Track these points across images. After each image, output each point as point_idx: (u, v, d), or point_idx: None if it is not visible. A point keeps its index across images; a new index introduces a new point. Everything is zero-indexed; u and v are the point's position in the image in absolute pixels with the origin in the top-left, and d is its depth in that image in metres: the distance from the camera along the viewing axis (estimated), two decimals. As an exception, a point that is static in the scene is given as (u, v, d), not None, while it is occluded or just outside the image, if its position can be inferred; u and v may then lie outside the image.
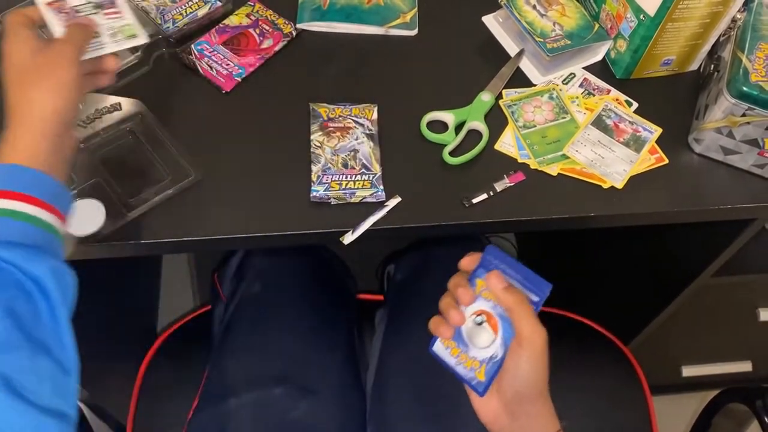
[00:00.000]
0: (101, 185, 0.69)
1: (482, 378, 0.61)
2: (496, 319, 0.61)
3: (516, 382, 0.58)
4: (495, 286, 0.59)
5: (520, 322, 0.58)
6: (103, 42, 0.65)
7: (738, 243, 0.85)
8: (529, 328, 0.58)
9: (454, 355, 0.62)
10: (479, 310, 0.61)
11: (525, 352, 0.57)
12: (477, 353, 0.61)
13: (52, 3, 0.65)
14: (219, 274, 0.97)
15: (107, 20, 0.66)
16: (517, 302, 0.58)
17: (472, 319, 0.61)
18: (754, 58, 0.71)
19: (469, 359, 0.61)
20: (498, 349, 0.61)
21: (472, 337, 0.61)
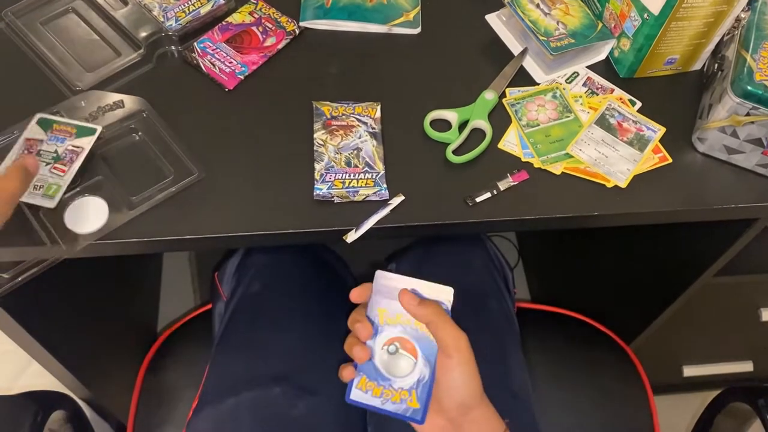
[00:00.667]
0: (104, 183, 0.69)
1: (417, 405, 0.59)
2: (411, 342, 0.60)
3: (457, 395, 0.58)
4: (409, 303, 0.58)
5: (442, 333, 0.58)
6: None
7: (741, 243, 0.85)
8: (452, 335, 0.57)
9: (376, 395, 0.60)
10: (390, 338, 0.60)
11: (454, 361, 0.57)
12: (402, 383, 0.59)
13: (30, 139, 0.68)
14: (219, 273, 0.97)
15: (48, 172, 0.67)
16: (434, 313, 0.58)
17: (385, 350, 0.60)
18: (759, 58, 0.71)
19: (396, 392, 0.60)
20: (423, 370, 0.60)
21: (391, 368, 0.60)
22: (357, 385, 0.60)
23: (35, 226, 0.65)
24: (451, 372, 0.58)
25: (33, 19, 0.80)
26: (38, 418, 0.80)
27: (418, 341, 0.60)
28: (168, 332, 1.01)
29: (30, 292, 0.69)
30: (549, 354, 1.01)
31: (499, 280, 0.94)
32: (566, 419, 0.96)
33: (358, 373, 0.60)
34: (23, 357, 0.87)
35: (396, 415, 0.59)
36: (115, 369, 1.14)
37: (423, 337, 0.60)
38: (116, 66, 0.77)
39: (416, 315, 0.59)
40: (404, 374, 0.60)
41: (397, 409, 0.59)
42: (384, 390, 0.60)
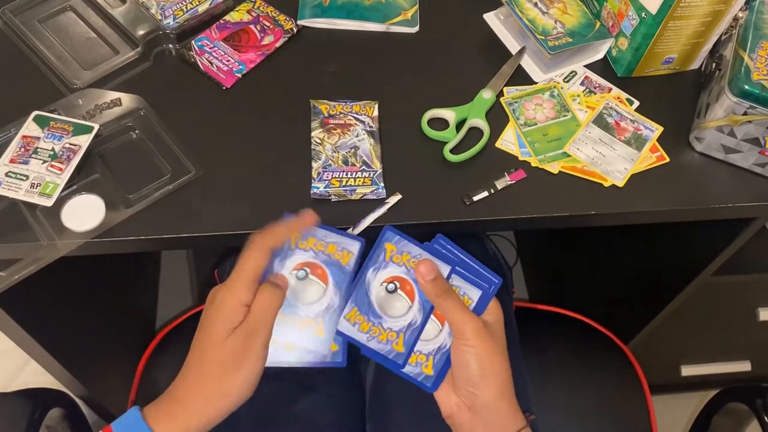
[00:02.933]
0: (101, 181, 0.69)
1: (402, 349, 0.58)
2: (411, 285, 0.59)
3: (465, 375, 0.58)
4: (422, 277, 0.58)
5: (448, 314, 0.57)
6: (20, 186, 0.66)
7: (738, 242, 0.85)
8: (457, 318, 0.57)
9: (363, 330, 0.58)
10: (391, 276, 0.59)
11: (462, 343, 0.57)
12: (392, 323, 0.58)
13: (26, 137, 0.67)
14: (219, 271, 0.97)
15: (45, 170, 0.67)
16: (437, 293, 0.58)
17: (383, 287, 0.59)
18: (756, 57, 0.71)
19: (384, 331, 0.58)
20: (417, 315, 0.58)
21: (385, 306, 0.59)
22: (346, 315, 0.58)
23: (32, 224, 0.65)
24: (459, 352, 0.58)
25: (31, 17, 0.80)
26: (36, 416, 0.80)
27: (417, 285, 0.59)
28: (166, 330, 1.01)
29: (27, 290, 0.70)
30: (547, 353, 1.01)
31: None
32: (564, 419, 0.96)
33: (350, 304, 0.58)
34: (21, 355, 0.87)
35: (376, 355, 0.58)
36: (112, 367, 1.14)
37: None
38: (114, 64, 0.77)
39: (423, 289, 0.59)
40: (397, 315, 0.59)
41: (380, 348, 0.58)
42: (372, 327, 0.58)
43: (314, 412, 0.80)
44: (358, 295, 0.59)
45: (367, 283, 0.59)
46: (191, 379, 0.57)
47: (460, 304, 0.58)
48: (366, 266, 0.60)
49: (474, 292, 0.61)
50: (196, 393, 0.56)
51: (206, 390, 0.56)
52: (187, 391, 0.57)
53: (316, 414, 0.80)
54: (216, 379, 0.56)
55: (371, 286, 0.59)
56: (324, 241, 0.60)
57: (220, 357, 0.55)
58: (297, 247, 0.58)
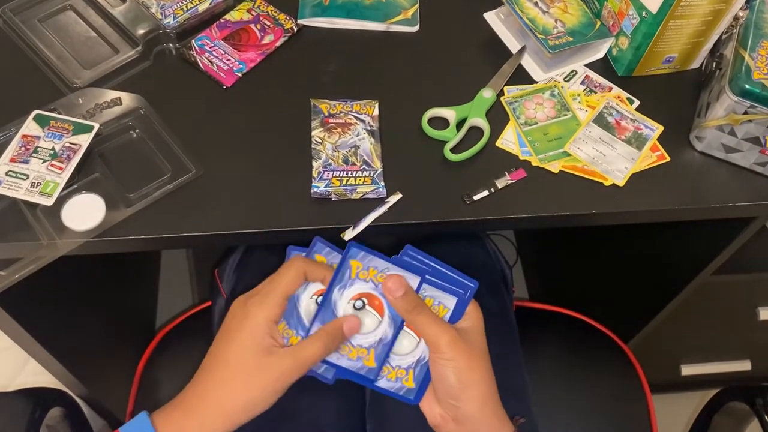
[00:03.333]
0: (101, 180, 0.69)
1: (372, 364, 0.58)
2: (380, 300, 0.58)
3: (445, 389, 0.57)
4: (390, 293, 0.57)
5: (422, 329, 0.57)
6: (21, 185, 0.66)
7: (738, 241, 0.85)
8: (430, 332, 0.56)
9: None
10: (358, 293, 0.58)
11: (439, 356, 0.56)
12: (361, 340, 0.58)
13: (27, 136, 0.67)
14: (219, 270, 0.97)
15: (45, 169, 0.67)
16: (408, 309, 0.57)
17: (350, 306, 0.58)
18: (757, 56, 0.71)
19: (354, 348, 0.58)
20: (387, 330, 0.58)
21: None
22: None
23: (32, 223, 0.65)
24: (437, 366, 0.57)
25: (31, 17, 0.80)
26: (36, 415, 0.80)
27: (385, 299, 0.59)
28: (166, 329, 1.01)
29: (27, 290, 0.69)
30: (547, 352, 1.01)
31: (497, 278, 0.94)
32: (564, 418, 0.96)
33: (315, 324, 0.58)
34: (21, 354, 0.87)
35: (349, 373, 0.58)
36: (112, 366, 1.14)
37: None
38: (114, 63, 0.77)
39: (394, 306, 0.58)
40: (367, 332, 0.58)
41: (352, 366, 0.58)
42: (342, 346, 0.58)
43: (314, 411, 0.80)
44: (325, 316, 0.58)
45: (333, 302, 0.59)
46: (206, 387, 0.56)
47: (432, 318, 0.57)
48: (331, 285, 0.59)
49: (449, 300, 0.60)
50: (208, 401, 0.55)
51: (220, 400, 0.55)
52: (198, 399, 0.56)
53: (316, 413, 0.80)
54: (234, 390, 0.55)
55: (338, 305, 0.59)
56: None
57: (243, 369, 0.55)
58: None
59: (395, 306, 0.58)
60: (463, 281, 0.60)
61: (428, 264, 0.61)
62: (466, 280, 0.60)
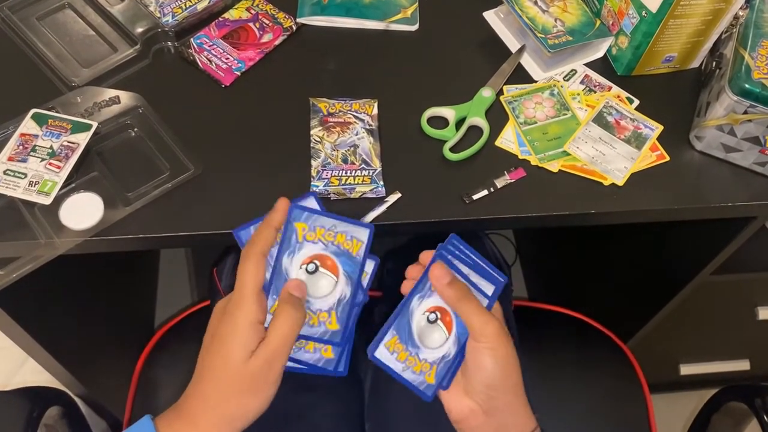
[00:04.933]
0: (99, 179, 0.69)
1: (432, 381, 0.57)
2: (451, 317, 0.58)
3: (484, 378, 0.57)
4: (438, 280, 0.57)
5: (468, 318, 0.57)
6: (18, 184, 0.65)
7: (738, 241, 0.85)
8: (479, 320, 0.56)
9: (401, 359, 0.57)
10: (434, 306, 0.58)
11: (482, 345, 0.56)
12: (428, 354, 0.57)
13: (25, 135, 0.67)
14: (218, 269, 0.97)
15: (43, 168, 0.66)
16: (458, 298, 0.57)
17: (425, 317, 0.57)
18: (757, 56, 0.71)
19: (420, 362, 0.57)
20: (451, 347, 0.58)
21: (423, 336, 0.58)
22: (386, 342, 0.56)
23: (30, 222, 0.65)
24: (478, 354, 0.57)
25: (29, 15, 0.80)
26: (34, 414, 0.80)
27: (456, 317, 0.58)
28: (165, 328, 1.01)
29: (25, 289, 0.69)
30: (546, 352, 1.01)
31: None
32: (563, 417, 0.96)
33: (391, 331, 0.57)
34: (19, 353, 0.87)
35: (408, 384, 0.57)
36: (111, 365, 1.14)
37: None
38: (112, 62, 0.77)
39: (442, 294, 0.58)
40: (434, 346, 0.57)
41: (413, 379, 0.57)
42: (409, 357, 0.57)
43: (314, 411, 0.80)
44: (278, 285, 0.56)
45: (284, 270, 0.57)
46: (206, 397, 0.56)
47: (479, 306, 0.57)
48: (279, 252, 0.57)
49: (487, 290, 0.60)
50: (211, 411, 0.55)
51: (222, 410, 0.55)
52: (199, 409, 0.56)
53: (315, 413, 0.80)
54: (234, 400, 0.55)
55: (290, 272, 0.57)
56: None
57: (239, 380, 0.55)
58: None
59: (442, 294, 0.57)
60: (495, 275, 0.60)
61: (469, 255, 0.60)
62: (497, 274, 0.60)
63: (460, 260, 0.59)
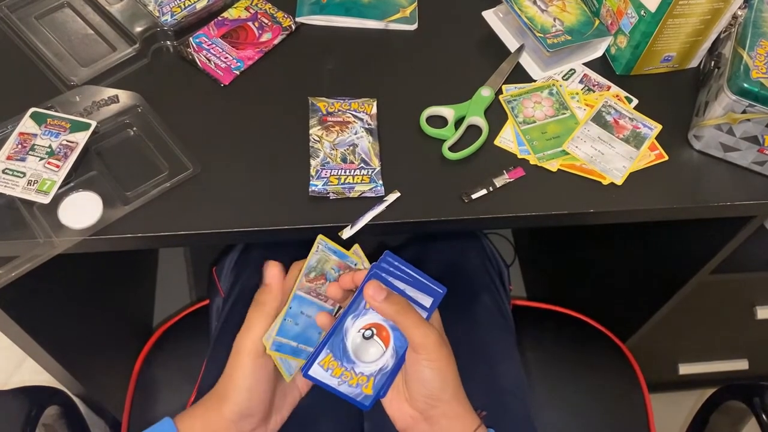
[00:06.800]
0: (98, 178, 0.69)
1: (370, 392, 0.59)
2: (387, 331, 0.60)
3: (424, 389, 0.58)
4: (372, 298, 0.58)
5: (408, 330, 0.58)
6: (17, 183, 0.66)
7: (736, 240, 0.85)
8: (419, 333, 0.57)
9: (336, 375, 0.59)
10: (370, 323, 0.59)
11: (422, 357, 0.57)
12: (364, 368, 0.59)
13: (23, 134, 0.68)
14: (217, 269, 0.97)
15: (42, 167, 0.66)
16: (398, 312, 0.57)
17: (360, 334, 0.59)
18: (755, 55, 0.71)
19: (356, 376, 0.59)
20: (389, 360, 0.59)
21: (359, 352, 0.59)
22: (320, 361, 0.59)
23: (29, 221, 0.65)
24: (418, 366, 0.58)
25: (28, 14, 0.80)
26: (32, 414, 0.80)
27: (393, 330, 0.60)
28: (164, 328, 1.01)
29: (24, 288, 0.69)
30: (544, 351, 1.01)
31: (494, 277, 0.94)
32: (562, 417, 0.96)
33: (325, 350, 0.59)
34: (18, 353, 0.87)
35: (345, 397, 0.59)
36: (110, 365, 1.14)
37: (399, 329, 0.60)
38: (111, 61, 0.77)
39: (379, 310, 0.58)
40: (370, 360, 0.59)
41: (350, 392, 0.59)
42: (344, 372, 0.59)
43: (312, 411, 0.80)
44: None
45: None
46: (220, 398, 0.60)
47: (419, 319, 0.58)
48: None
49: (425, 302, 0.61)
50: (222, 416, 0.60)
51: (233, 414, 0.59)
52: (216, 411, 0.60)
53: (314, 413, 0.80)
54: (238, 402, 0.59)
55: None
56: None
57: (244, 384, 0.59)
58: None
59: (381, 310, 0.58)
60: (434, 287, 0.62)
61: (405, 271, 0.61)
62: (436, 286, 0.62)
63: (395, 277, 0.60)
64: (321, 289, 0.62)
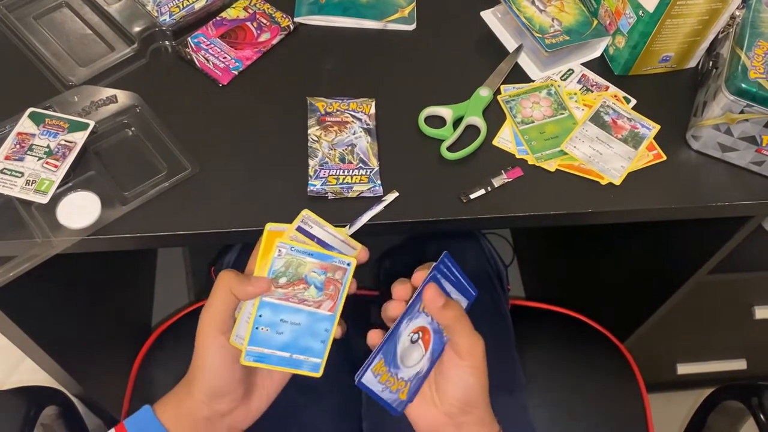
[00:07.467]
0: (96, 178, 0.69)
1: (404, 397, 0.58)
2: (430, 335, 0.59)
3: (462, 394, 0.58)
4: (432, 302, 0.56)
5: (459, 336, 0.57)
6: (15, 183, 0.66)
7: (734, 240, 0.85)
8: (470, 340, 0.57)
9: (383, 381, 0.57)
10: (418, 327, 0.58)
11: (467, 364, 0.57)
12: (405, 373, 0.58)
13: (22, 134, 0.67)
14: (216, 268, 0.97)
15: (40, 166, 0.66)
16: (455, 318, 0.57)
17: (409, 338, 0.58)
18: (753, 55, 0.71)
19: (397, 381, 0.58)
20: (426, 364, 0.59)
21: (405, 356, 0.58)
22: (373, 367, 0.56)
23: (27, 221, 0.65)
24: (460, 371, 0.58)
25: (26, 14, 0.80)
26: (31, 414, 0.80)
27: (433, 334, 0.59)
28: (162, 328, 1.01)
29: (22, 288, 0.69)
30: (543, 351, 1.01)
31: (493, 276, 0.94)
32: (560, 417, 0.96)
33: (377, 355, 0.57)
34: (16, 353, 0.87)
35: (385, 404, 0.58)
36: (108, 364, 1.14)
37: (438, 331, 0.59)
38: (110, 61, 0.77)
39: (437, 316, 0.57)
40: (411, 365, 0.58)
41: (390, 398, 0.58)
42: (389, 378, 0.57)
43: (311, 411, 0.80)
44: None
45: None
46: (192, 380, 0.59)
47: (470, 326, 0.58)
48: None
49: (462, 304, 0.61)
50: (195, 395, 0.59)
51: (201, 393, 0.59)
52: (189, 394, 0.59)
53: (312, 414, 0.80)
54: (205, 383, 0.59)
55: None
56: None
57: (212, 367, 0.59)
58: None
59: (437, 316, 0.57)
60: (469, 289, 0.61)
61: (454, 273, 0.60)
62: (470, 287, 0.61)
63: (445, 278, 0.59)
64: (304, 294, 0.58)
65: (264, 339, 0.57)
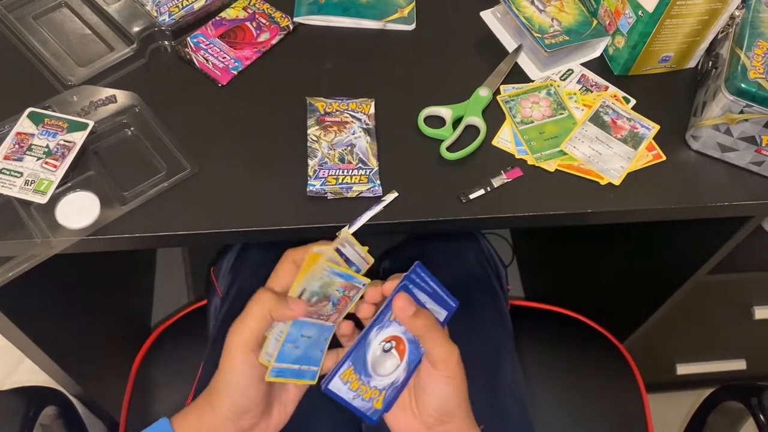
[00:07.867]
0: (96, 178, 0.69)
1: (379, 406, 0.58)
2: (405, 344, 0.58)
3: (439, 404, 0.58)
4: (402, 311, 0.56)
5: (432, 346, 0.57)
6: (14, 183, 0.65)
7: (734, 240, 0.85)
8: (443, 350, 0.57)
9: (353, 389, 0.57)
10: (390, 336, 0.58)
11: (442, 374, 0.57)
12: (378, 382, 0.58)
13: (21, 134, 0.67)
14: (215, 269, 0.97)
15: (39, 166, 0.66)
16: (426, 327, 0.57)
17: (381, 346, 0.58)
18: (753, 55, 0.71)
19: (369, 389, 0.58)
20: (401, 374, 0.58)
21: (377, 365, 0.58)
22: (341, 374, 0.57)
23: (26, 221, 0.65)
24: (436, 381, 0.57)
25: (25, 14, 0.80)
26: (30, 414, 0.80)
27: (409, 344, 0.59)
28: (161, 328, 1.01)
29: (21, 288, 0.69)
30: (542, 352, 1.01)
31: (492, 277, 0.94)
32: (560, 417, 0.96)
33: (347, 362, 0.57)
34: (15, 353, 0.87)
35: (357, 411, 0.58)
36: (107, 365, 1.14)
37: (414, 341, 0.59)
38: (109, 61, 0.77)
39: (408, 325, 0.57)
40: (385, 374, 0.58)
41: (362, 406, 0.58)
42: (361, 385, 0.58)
43: (309, 411, 0.80)
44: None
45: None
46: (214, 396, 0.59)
47: (444, 336, 0.57)
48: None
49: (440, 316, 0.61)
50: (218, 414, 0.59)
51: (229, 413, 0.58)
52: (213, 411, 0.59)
53: (310, 413, 0.80)
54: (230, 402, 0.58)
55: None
56: None
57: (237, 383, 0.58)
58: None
59: (408, 325, 0.57)
60: (448, 300, 0.61)
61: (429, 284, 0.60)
62: (450, 299, 0.61)
63: (420, 288, 0.59)
64: (323, 311, 0.59)
65: (286, 354, 0.58)
